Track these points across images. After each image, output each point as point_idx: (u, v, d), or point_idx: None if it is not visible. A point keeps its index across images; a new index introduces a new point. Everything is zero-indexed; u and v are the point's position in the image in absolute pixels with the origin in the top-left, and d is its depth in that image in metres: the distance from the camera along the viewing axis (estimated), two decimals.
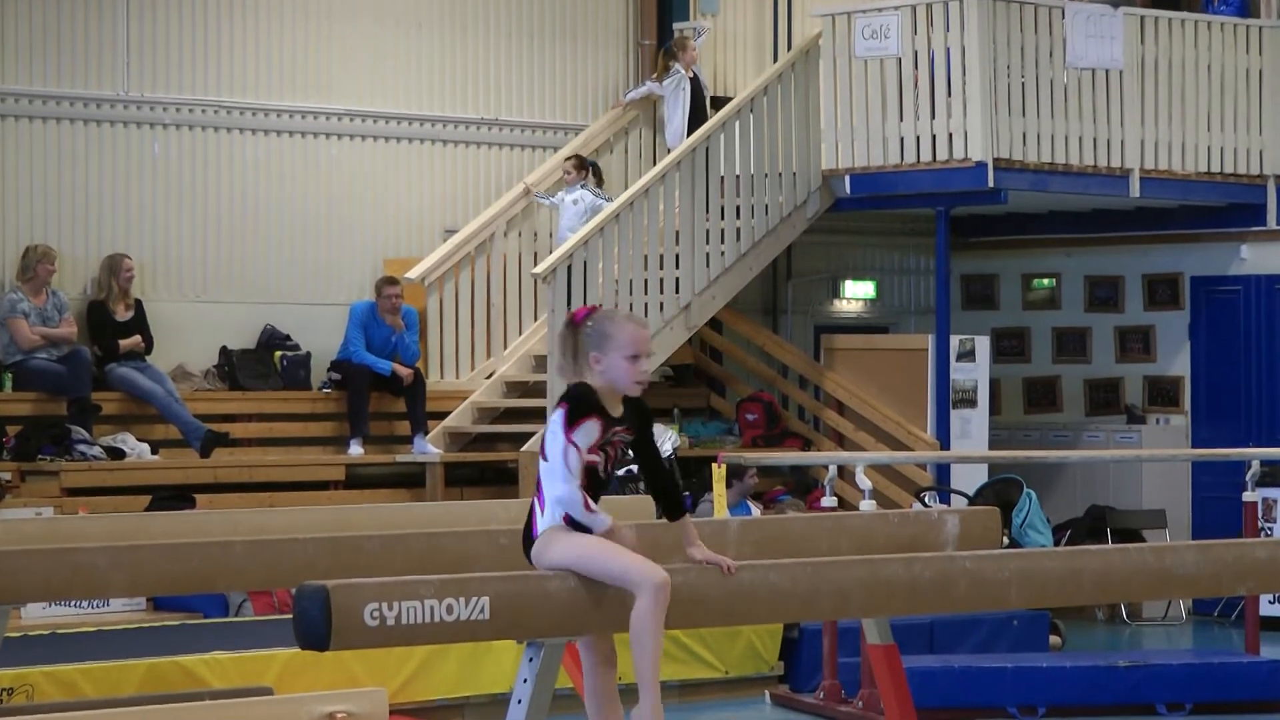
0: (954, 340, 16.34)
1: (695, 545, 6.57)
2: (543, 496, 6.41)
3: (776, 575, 6.59)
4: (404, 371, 15.21)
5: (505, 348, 16.18)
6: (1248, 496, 13.00)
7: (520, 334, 16.25)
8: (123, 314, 14.66)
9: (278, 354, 15.42)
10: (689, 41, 16.81)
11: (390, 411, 15.38)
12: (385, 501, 14.21)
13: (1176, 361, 17.68)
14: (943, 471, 16.00)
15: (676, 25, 17.44)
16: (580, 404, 6.43)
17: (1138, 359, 17.87)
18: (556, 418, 6.42)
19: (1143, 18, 16.63)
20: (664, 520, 6.72)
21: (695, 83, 16.72)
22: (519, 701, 6.33)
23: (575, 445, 6.36)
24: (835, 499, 12.84)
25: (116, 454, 14.05)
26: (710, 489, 13.25)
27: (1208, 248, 17.48)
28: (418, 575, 6.28)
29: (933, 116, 15.86)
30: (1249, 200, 17.12)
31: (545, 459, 6.41)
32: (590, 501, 6.37)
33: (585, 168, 16.14)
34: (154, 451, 14.36)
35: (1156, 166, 16.56)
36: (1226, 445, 16.25)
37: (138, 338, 14.64)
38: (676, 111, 16.63)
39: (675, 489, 6.65)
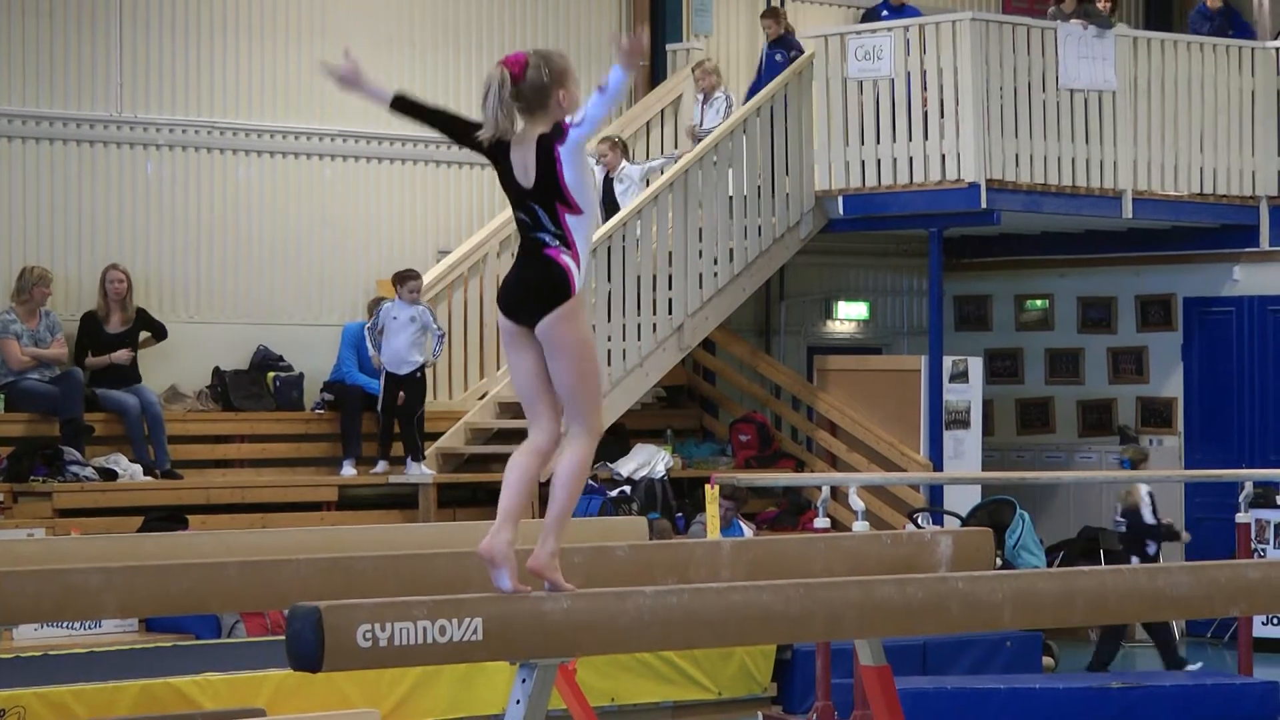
0: (947, 361, 16.36)
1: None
2: (577, 251, 6.20)
3: (769, 596, 6.58)
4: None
5: (498, 368, 16.16)
6: (1241, 518, 12.98)
7: None
8: (117, 326, 14.62)
9: (271, 375, 15.42)
10: (612, 139, 16.22)
11: None
12: (378, 523, 14.20)
13: (1169, 383, 17.71)
14: (936, 492, 16.00)
15: (670, 46, 17.45)
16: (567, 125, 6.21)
17: (1131, 380, 17.90)
18: (571, 141, 6.13)
19: (1135, 39, 16.68)
20: (656, 542, 6.68)
21: (607, 182, 16.14)
22: None
23: None
24: (828, 520, 12.83)
25: (109, 475, 14.05)
26: (703, 510, 13.24)
27: (1201, 269, 17.51)
28: (411, 596, 6.27)
29: (925, 138, 15.89)
30: (1242, 221, 17.16)
31: (580, 209, 6.18)
32: None
33: (418, 277, 15.29)
34: (147, 472, 14.34)
35: (1149, 187, 16.61)
36: (1220, 466, 16.25)
37: (123, 352, 14.57)
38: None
39: None
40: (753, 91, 16.59)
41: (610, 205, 15.90)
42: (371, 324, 15.06)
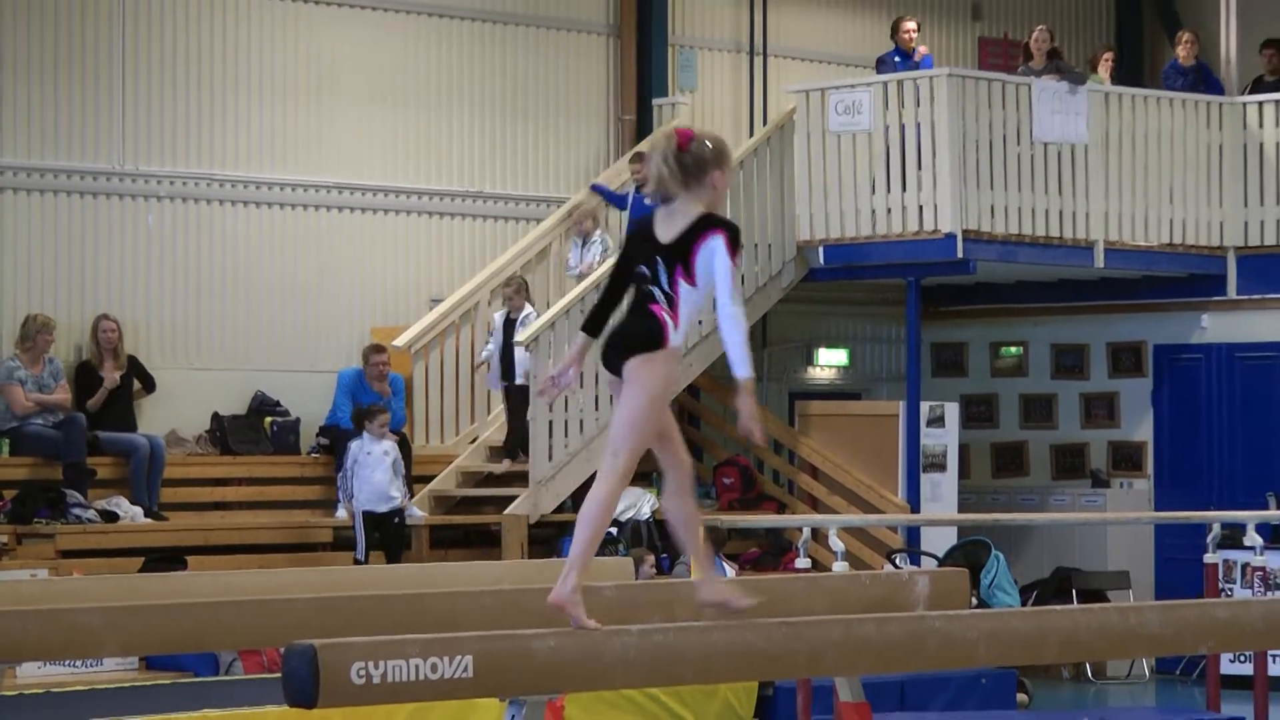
0: (924, 406, 16.49)
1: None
2: (679, 315, 6.38)
3: (752, 634, 6.65)
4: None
5: (489, 413, 16.34)
6: (1209, 558, 13.02)
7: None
8: (111, 374, 14.77)
9: (268, 420, 15.54)
10: (517, 281, 16.07)
11: None
12: (371, 563, 14.39)
13: (1140, 427, 17.83)
14: (913, 534, 16.12)
15: (656, 101, 17.66)
16: (737, 237, 6.41)
17: (1102, 425, 18.00)
18: (718, 244, 6.33)
19: (1106, 94, 16.89)
20: (642, 582, 6.83)
21: (508, 325, 15.88)
22: None
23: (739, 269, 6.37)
24: (809, 560, 13.01)
25: (110, 517, 14.20)
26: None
27: (1170, 317, 17.63)
28: (403, 635, 6.32)
29: (904, 189, 16.05)
30: (1210, 271, 17.27)
31: (695, 284, 6.35)
32: None
33: (385, 410, 15.18)
34: (147, 515, 14.52)
35: (1120, 238, 16.74)
36: (1188, 509, 16.21)
37: (114, 376, 14.67)
38: None
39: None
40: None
41: (508, 349, 15.66)
42: (342, 471, 14.73)
